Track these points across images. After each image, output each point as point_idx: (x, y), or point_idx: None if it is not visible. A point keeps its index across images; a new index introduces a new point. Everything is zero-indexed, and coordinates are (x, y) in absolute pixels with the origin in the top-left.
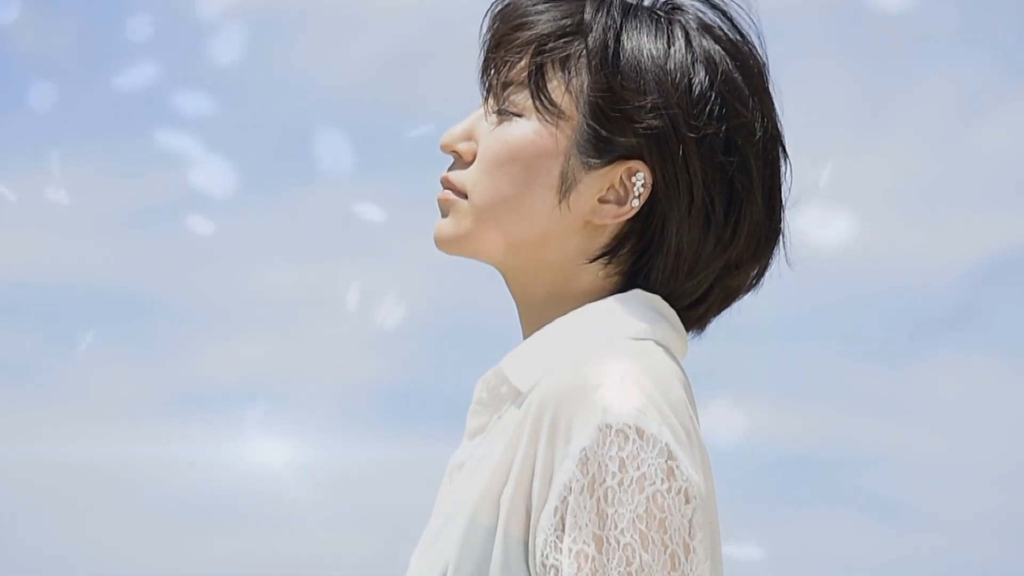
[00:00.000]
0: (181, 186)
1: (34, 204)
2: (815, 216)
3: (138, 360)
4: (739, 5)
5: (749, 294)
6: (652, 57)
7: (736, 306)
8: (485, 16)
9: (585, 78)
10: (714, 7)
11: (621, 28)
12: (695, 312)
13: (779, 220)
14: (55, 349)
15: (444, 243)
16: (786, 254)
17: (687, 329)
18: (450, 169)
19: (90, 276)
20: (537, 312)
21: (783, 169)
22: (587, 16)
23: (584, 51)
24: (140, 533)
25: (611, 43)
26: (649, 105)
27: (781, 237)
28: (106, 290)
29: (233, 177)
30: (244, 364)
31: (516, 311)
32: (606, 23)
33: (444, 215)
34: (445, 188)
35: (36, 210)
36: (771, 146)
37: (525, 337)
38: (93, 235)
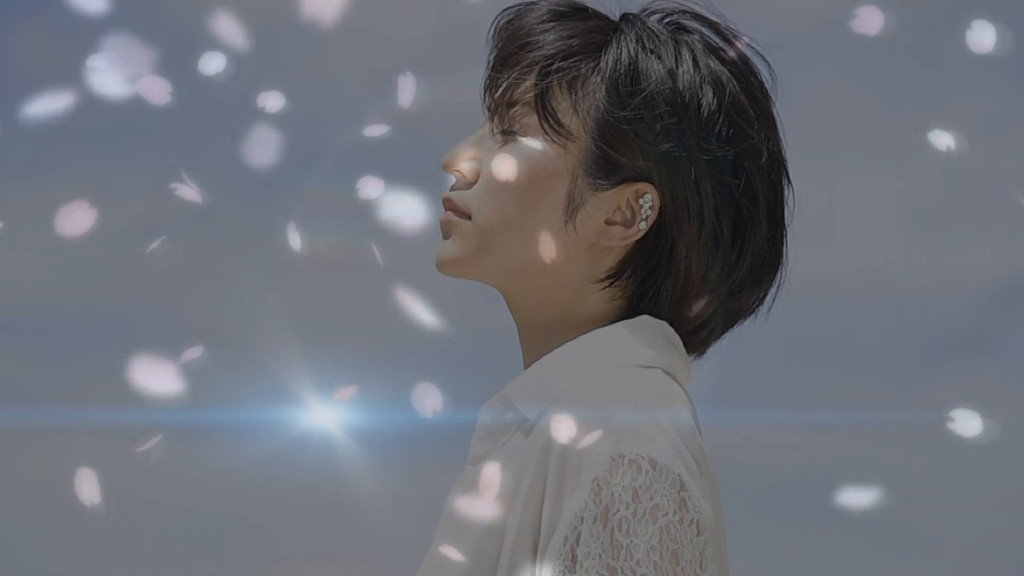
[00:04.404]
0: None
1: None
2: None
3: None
4: (746, 36)
5: (750, 319)
6: (660, 78)
7: (744, 326)
8: (489, 34)
9: (594, 99)
10: (718, 31)
11: (628, 50)
12: (697, 336)
13: (782, 244)
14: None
15: (447, 266)
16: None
17: (688, 353)
18: (452, 189)
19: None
20: (540, 336)
21: (786, 193)
22: (594, 37)
23: (592, 72)
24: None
25: (620, 65)
26: (660, 127)
27: (783, 261)
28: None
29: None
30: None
31: (516, 334)
32: (614, 44)
33: (446, 237)
34: (447, 209)
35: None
36: (775, 170)
37: (525, 360)
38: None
